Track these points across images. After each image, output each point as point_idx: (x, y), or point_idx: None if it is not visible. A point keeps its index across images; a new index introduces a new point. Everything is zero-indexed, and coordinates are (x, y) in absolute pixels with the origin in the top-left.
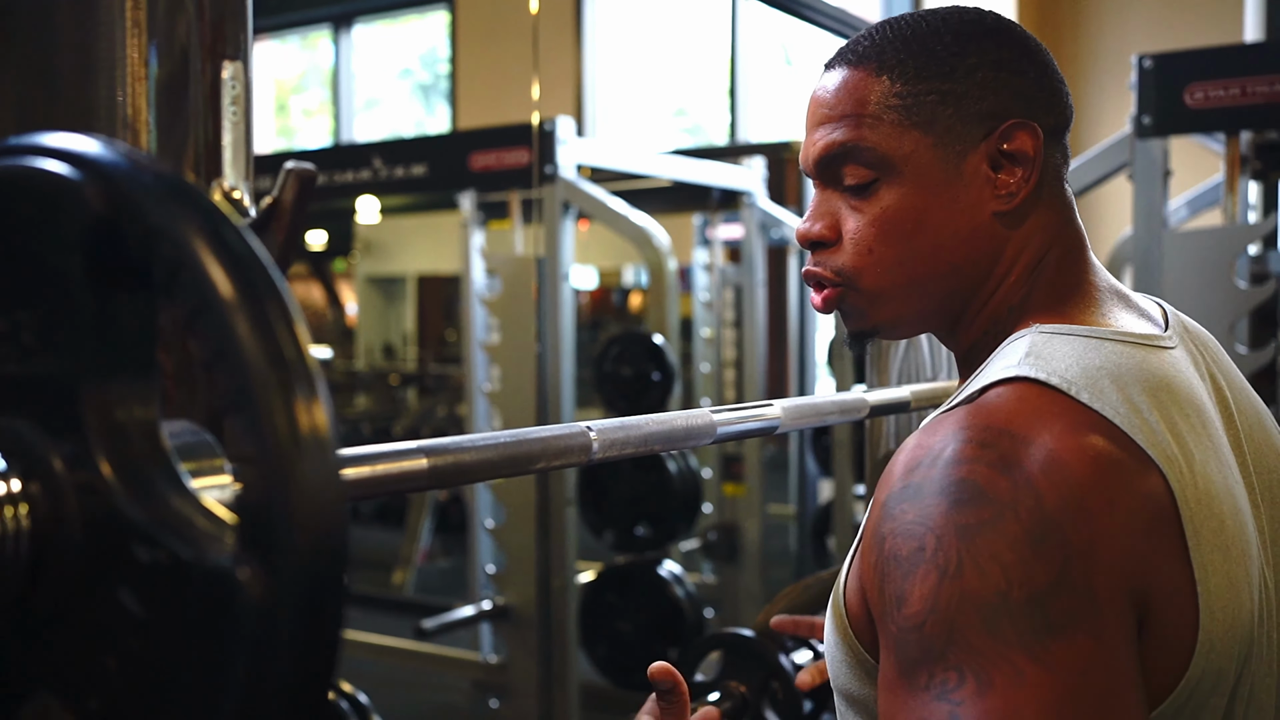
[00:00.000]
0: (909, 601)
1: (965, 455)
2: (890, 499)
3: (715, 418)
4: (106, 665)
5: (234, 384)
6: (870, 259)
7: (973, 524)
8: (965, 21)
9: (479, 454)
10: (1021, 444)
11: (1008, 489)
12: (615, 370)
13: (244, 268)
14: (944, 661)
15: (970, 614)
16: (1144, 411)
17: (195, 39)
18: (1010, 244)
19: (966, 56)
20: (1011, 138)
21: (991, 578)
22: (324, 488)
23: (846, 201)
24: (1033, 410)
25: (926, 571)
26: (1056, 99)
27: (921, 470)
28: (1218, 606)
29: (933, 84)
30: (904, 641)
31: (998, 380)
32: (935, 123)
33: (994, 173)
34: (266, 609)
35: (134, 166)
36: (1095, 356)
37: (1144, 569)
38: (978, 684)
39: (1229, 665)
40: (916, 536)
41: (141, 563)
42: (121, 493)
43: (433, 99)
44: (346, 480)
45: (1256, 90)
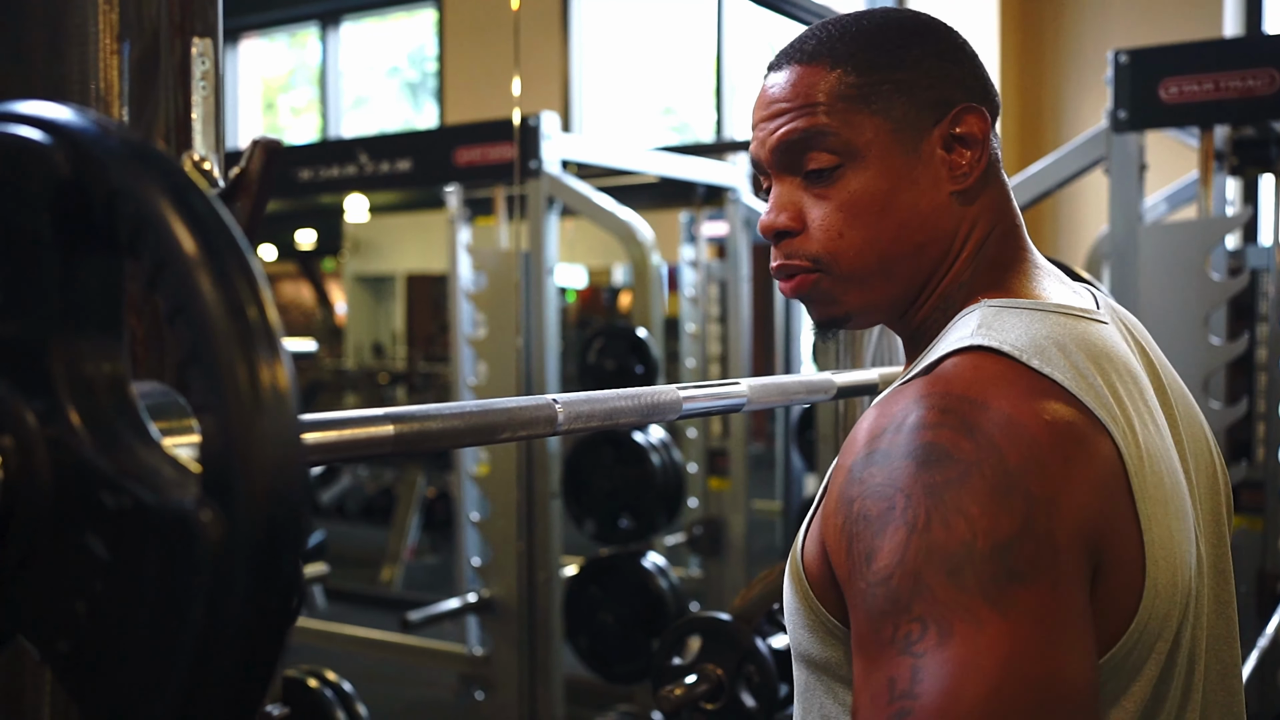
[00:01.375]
0: (877, 557)
1: (928, 421)
2: (855, 464)
3: (681, 394)
4: (75, 608)
5: (195, 337)
6: (842, 243)
7: (939, 482)
8: (904, 19)
9: (444, 422)
10: (980, 408)
11: (971, 449)
12: (599, 364)
13: (205, 225)
14: (908, 613)
15: (936, 565)
16: (1089, 377)
17: (165, 15)
18: (966, 221)
19: (912, 49)
20: (962, 121)
21: (957, 530)
22: (281, 435)
23: (808, 191)
24: (988, 377)
25: (895, 528)
26: (990, 88)
27: (886, 437)
28: (1160, 555)
29: (885, 74)
30: (871, 595)
31: (953, 351)
32: (892, 109)
33: (948, 154)
34: (224, 551)
35: (100, 131)
36: (1042, 327)
37: (1099, 521)
38: (939, 633)
39: (1173, 611)
40: (886, 497)
41: (108, 508)
42: (90, 443)
43: (421, 97)
44: (316, 443)
45: (1230, 85)
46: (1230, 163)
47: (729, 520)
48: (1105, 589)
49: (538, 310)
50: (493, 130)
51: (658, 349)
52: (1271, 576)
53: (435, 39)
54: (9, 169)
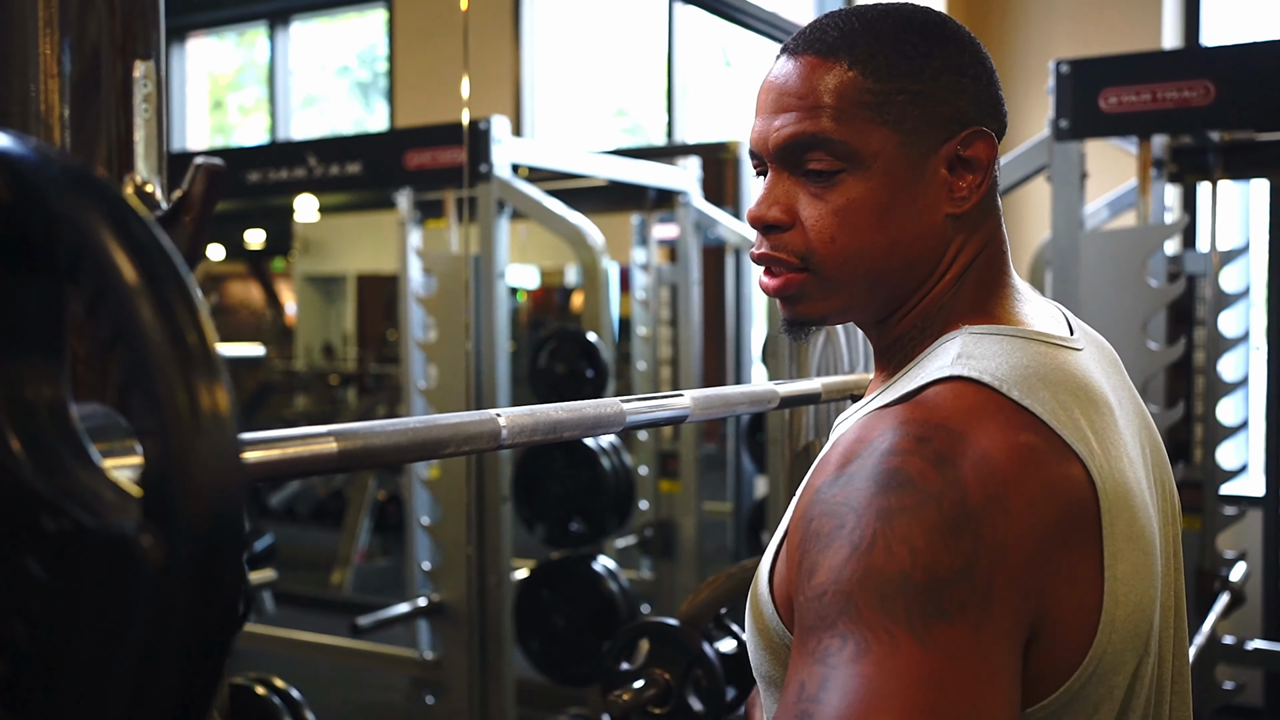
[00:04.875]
0: (818, 573)
1: (901, 447)
2: (823, 485)
3: (625, 406)
4: (14, 631)
5: (134, 364)
6: (833, 248)
7: (894, 507)
8: (930, 23)
9: (388, 438)
10: (958, 439)
11: (936, 481)
12: (549, 367)
13: (145, 252)
14: (833, 629)
15: (869, 588)
16: (1069, 410)
17: (106, 38)
18: (954, 244)
19: (934, 58)
20: (970, 144)
21: (898, 558)
22: (221, 460)
23: (805, 188)
24: (969, 407)
25: (839, 546)
26: (1001, 108)
27: (857, 461)
28: (1122, 592)
29: (902, 83)
30: (806, 610)
31: (934, 380)
32: (904, 121)
33: (950, 175)
34: (163, 574)
35: (40, 158)
36: (1022, 356)
37: (1052, 566)
38: (855, 650)
39: (1130, 648)
40: (839, 515)
41: (47, 531)
42: (29, 466)
43: (371, 97)
44: (259, 461)
45: (1167, 96)
46: (1169, 170)
47: (680, 522)
48: (1056, 630)
49: (488, 314)
50: (443, 134)
51: (609, 352)
52: (1209, 575)
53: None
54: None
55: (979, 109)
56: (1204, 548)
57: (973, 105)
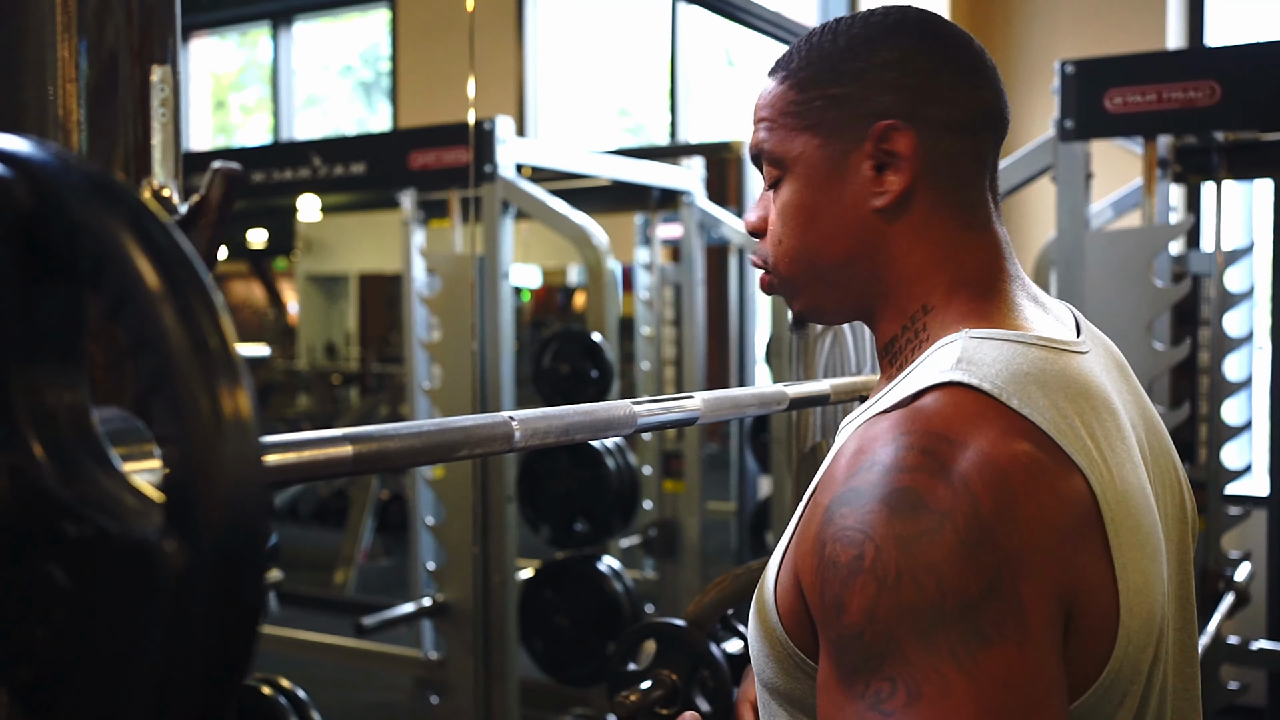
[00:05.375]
0: (848, 610)
1: (905, 463)
2: (832, 503)
3: (636, 409)
4: (36, 636)
5: (157, 369)
6: (780, 249)
7: (911, 535)
8: (869, 24)
9: (402, 442)
10: (959, 449)
11: (947, 496)
12: (554, 368)
13: (166, 258)
14: (880, 672)
15: (906, 625)
16: (1069, 417)
17: (124, 42)
18: (895, 240)
19: (855, 60)
20: (888, 138)
21: (928, 590)
22: (243, 466)
23: (771, 198)
24: (967, 415)
25: (865, 581)
26: (959, 93)
27: (861, 475)
28: (1135, 602)
29: (821, 89)
30: (844, 649)
31: (932, 385)
32: (822, 125)
33: (878, 173)
34: (186, 580)
35: (62, 165)
36: (1022, 362)
37: (1070, 571)
38: (908, 695)
39: (1144, 656)
40: (856, 544)
41: (69, 537)
42: (51, 472)
43: (374, 97)
44: (275, 465)
45: (1172, 96)
46: (1174, 170)
47: (683, 522)
48: (1077, 638)
49: (492, 314)
50: (447, 134)
51: (613, 353)
52: (1213, 575)
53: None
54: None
55: (908, 103)
56: (1208, 548)
57: (898, 100)
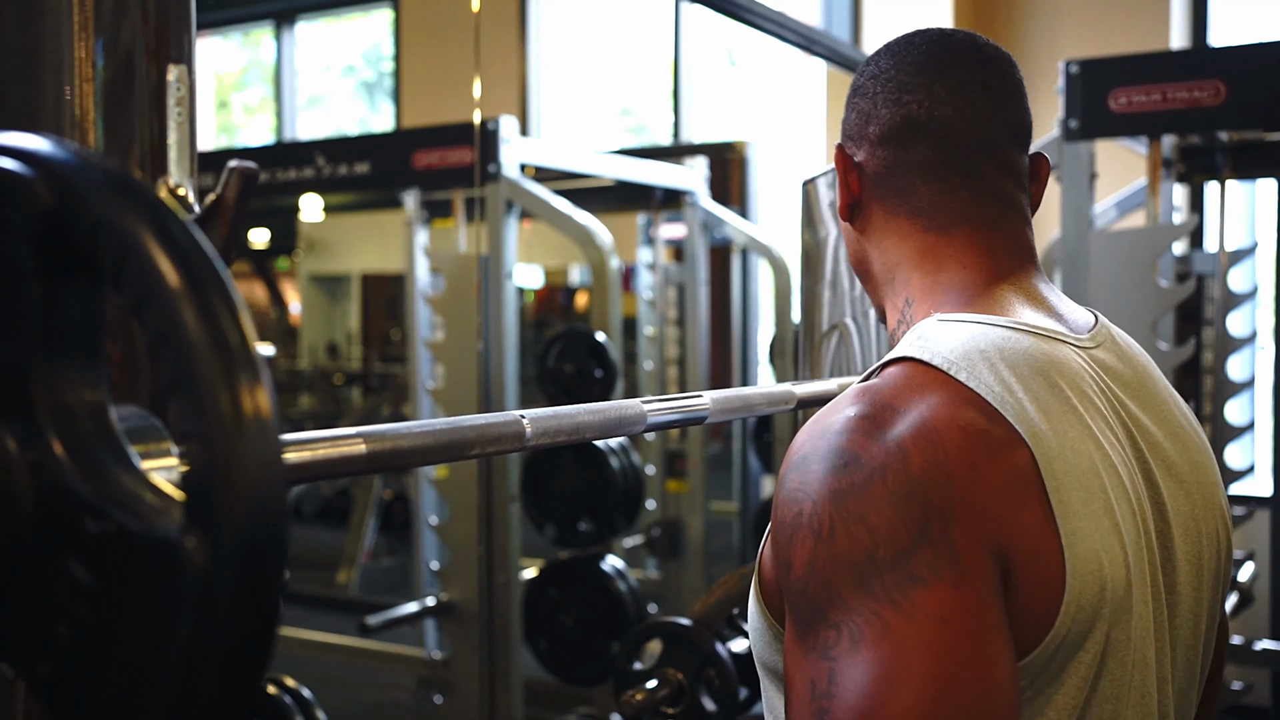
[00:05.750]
0: (794, 567)
1: (847, 425)
2: (786, 471)
3: (646, 407)
4: (57, 632)
5: (178, 367)
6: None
7: (844, 488)
8: (878, 51)
9: (415, 440)
10: (898, 414)
11: (879, 453)
12: (558, 367)
13: (188, 257)
14: (825, 620)
15: (843, 574)
16: (1015, 390)
17: (140, 41)
18: (870, 245)
19: (855, 86)
20: (838, 157)
21: (860, 539)
22: (264, 464)
23: None
24: (914, 385)
25: (804, 536)
26: (887, 108)
27: (811, 442)
28: (1085, 570)
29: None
30: (795, 605)
31: (889, 360)
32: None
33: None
34: (208, 577)
35: (82, 163)
36: (980, 341)
37: (1005, 529)
38: (850, 638)
39: (1098, 626)
40: (797, 502)
41: (91, 534)
42: (71, 469)
43: (377, 96)
44: (291, 463)
45: (1176, 96)
46: (1177, 170)
47: (687, 522)
48: (1019, 597)
49: (496, 314)
50: (451, 134)
51: (616, 353)
52: None
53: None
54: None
55: (859, 121)
56: None
57: (856, 120)
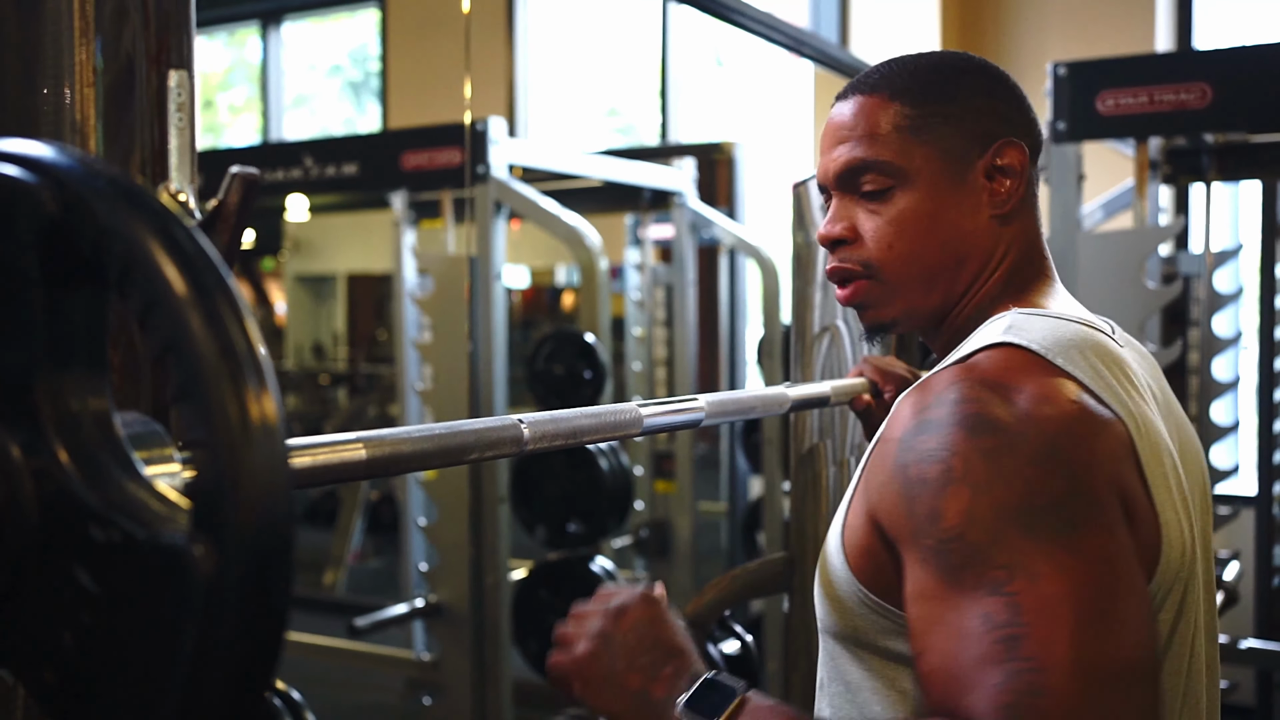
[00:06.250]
0: (945, 517)
1: (970, 395)
2: (905, 435)
3: (642, 411)
4: (62, 640)
5: (186, 374)
6: (891, 253)
7: (991, 448)
8: (957, 59)
9: (414, 444)
10: (1014, 390)
11: (1013, 421)
12: (547, 368)
13: (194, 264)
14: (991, 563)
15: (1006, 520)
16: (1105, 375)
17: (141, 46)
18: (1001, 242)
19: (963, 85)
20: (1003, 153)
21: (1017, 489)
22: (272, 471)
23: (863, 206)
24: (1019, 367)
25: (958, 490)
26: (1033, 124)
27: (931, 410)
28: (1172, 535)
29: (936, 106)
30: (944, 553)
31: (985, 346)
32: (941, 139)
33: (989, 182)
34: (215, 584)
35: (88, 170)
36: (1065, 332)
37: (1124, 489)
38: (1028, 577)
39: (1175, 588)
40: (942, 460)
41: (97, 542)
42: (77, 477)
43: (363, 96)
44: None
45: (1163, 98)
46: (1163, 171)
47: (675, 522)
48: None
49: (485, 315)
50: (440, 135)
51: (606, 354)
52: None
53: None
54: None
55: (1009, 126)
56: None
57: (1002, 123)
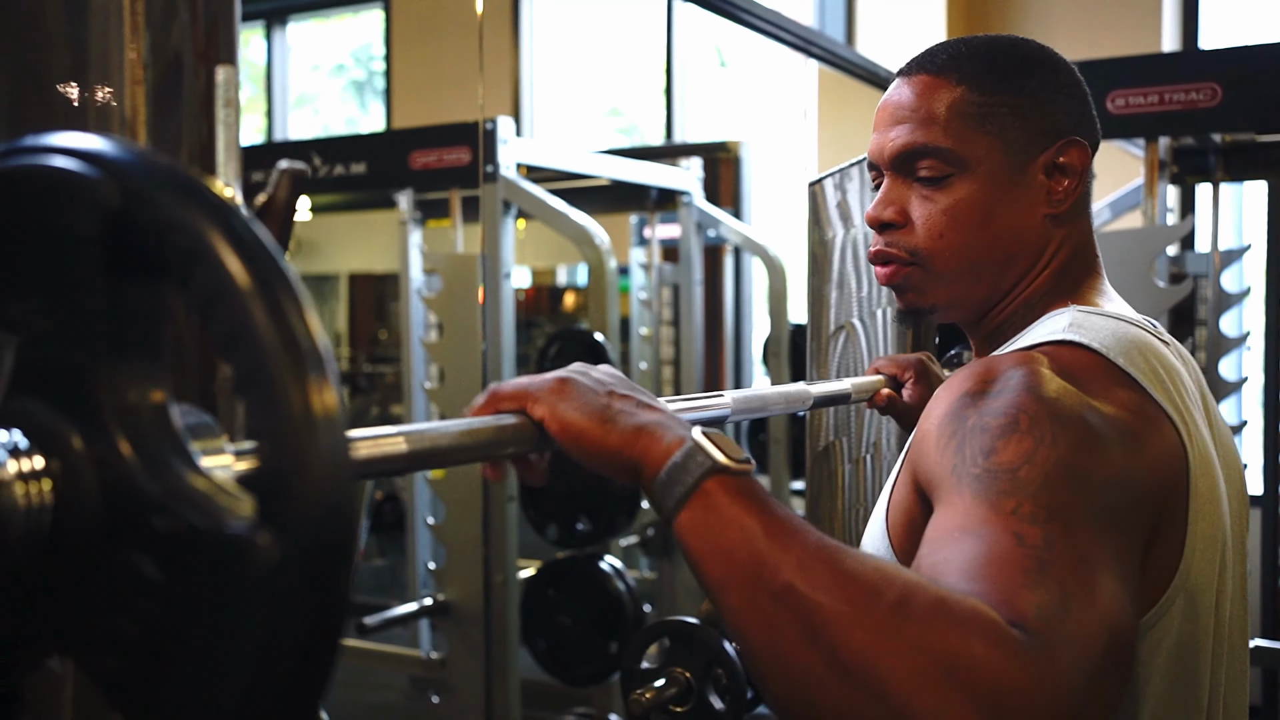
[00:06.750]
0: (1001, 453)
1: (1044, 375)
2: (963, 398)
3: (670, 407)
4: (124, 628)
5: (250, 367)
6: (941, 243)
7: (1063, 414)
8: (1029, 48)
9: (453, 439)
10: (1080, 382)
11: (1080, 403)
12: (555, 367)
13: (256, 257)
14: (1036, 500)
15: (1062, 475)
16: (1162, 380)
17: (189, 43)
18: (1053, 241)
19: (1032, 77)
20: (1066, 152)
21: (1084, 456)
22: (335, 462)
23: (917, 191)
24: (1083, 363)
25: (1022, 438)
26: (1094, 124)
27: (998, 381)
28: (1200, 546)
29: (1005, 97)
30: (992, 479)
31: (1045, 342)
32: (1005, 131)
33: (1048, 180)
34: (280, 573)
35: (148, 164)
36: (1125, 333)
37: (1160, 507)
38: (1064, 529)
39: (1198, 597)
40: (1009, 414)
41: (160, 532)
42: (138, 467)
43: (367, 96)
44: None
45: (1174, 98)
46: (1170, 171)
47: None
48: (1146, 566)
49: (494, 315)
50: (449, 134)
51: (615, 353)
52: None
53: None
54: (59, 202)
55: (1073, 122)
56: None
57: (1067, 118)
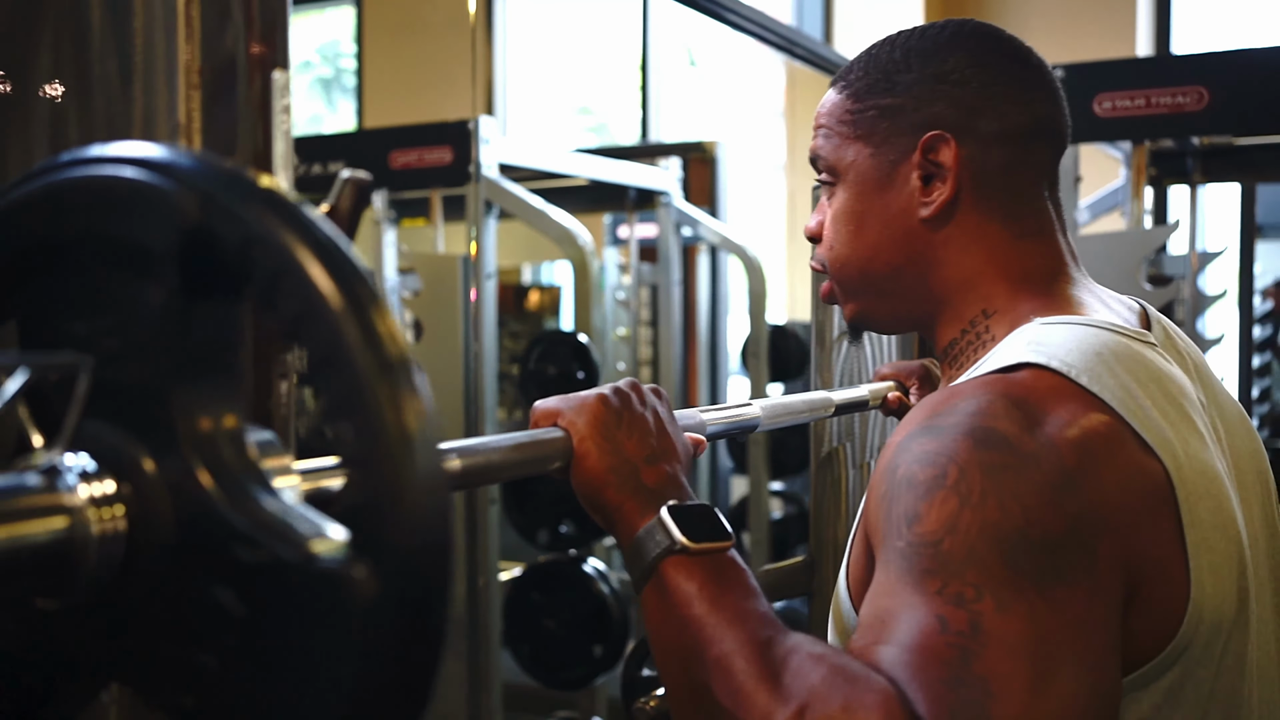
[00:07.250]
0: (924, 520)
1: (991, 410)
2: (907, 438)
3: (704, 416)
4: (203, 663)
5: (343, 389)
6: (832, 254)
7: (998, 464)
8: (926, 37)
9: (505, 455)
10: (1042, 414)
11: (1032, 444)
12: (540, 369)
13: (345, 273)
14: (961, 578)
15: (990, 543)
16: (1138, 397)
17: (243, 47)
18: (943, 249)
19: (909, 71)
20: (934, 149)
21: (1013, 515)
22: (433, 489)
23: (825, 203)
24: (1045, 389)
25: (946, 496)
26: (1011, 105)
27: (943, 417)
28: (1208, 581)
29: (875, 99)
30: (915, 554)
31: (1006, 366)
32: (874, 134)
33: (924, 184)
34: (379, 607)
35: (225, 175)
36: (1093, 343)
37: (1140, 543)
38: (996, 604)
39: (1216, 638)
40: (937, 465)
41: (242, 562)
42: (217, 495)
43: (334, 94)
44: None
45: (1160, 101)
46: (1149, 174)
47: None
48: (1144, 609)
49: (476, 315)
50: (429, 133)
51: (599, 354)
52: None
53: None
54: (132, 215)
55: (959, 114)
56: None
57: (951, 109)
